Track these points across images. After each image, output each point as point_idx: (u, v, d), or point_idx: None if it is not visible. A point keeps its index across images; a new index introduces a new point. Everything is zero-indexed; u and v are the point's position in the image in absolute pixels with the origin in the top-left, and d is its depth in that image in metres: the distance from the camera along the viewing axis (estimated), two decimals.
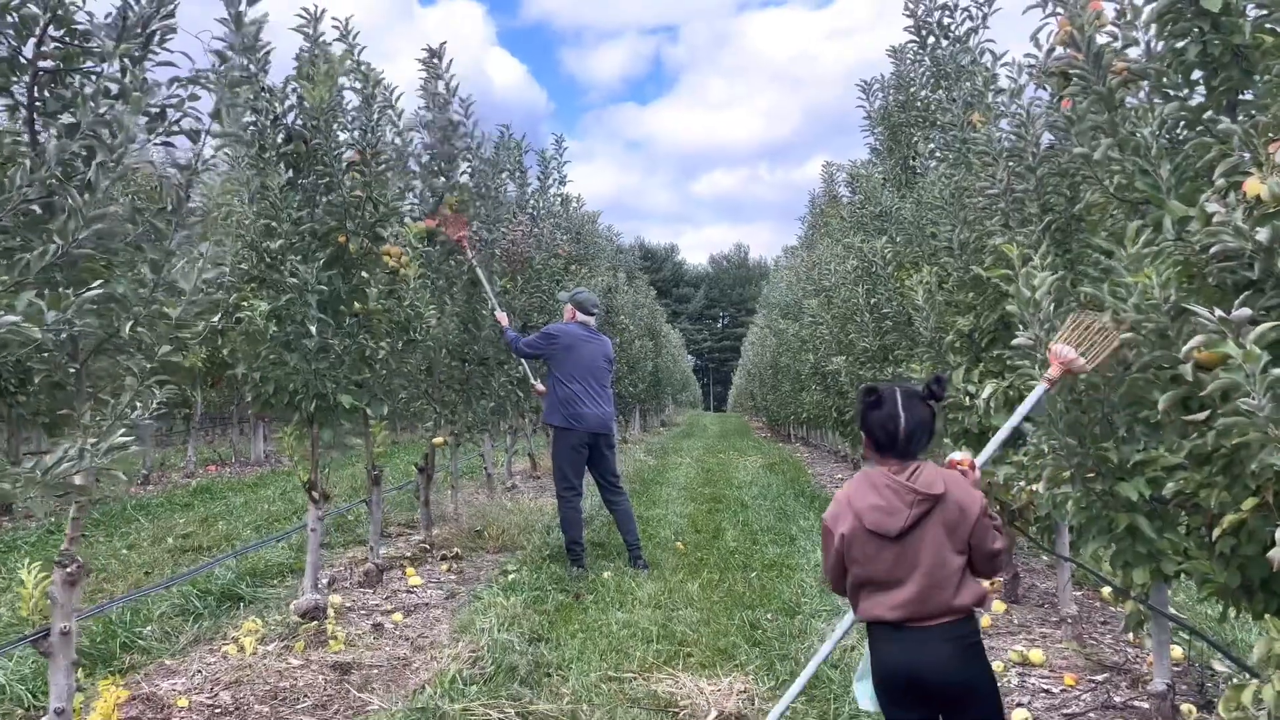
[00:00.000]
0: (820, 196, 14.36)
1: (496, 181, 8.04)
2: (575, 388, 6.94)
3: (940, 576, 2.54)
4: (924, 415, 2.63)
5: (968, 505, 2.53)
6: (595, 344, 7.19)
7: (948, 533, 2.53)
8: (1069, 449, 3.22)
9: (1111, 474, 3.13)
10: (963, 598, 2.55)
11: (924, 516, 2.54)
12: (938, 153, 6.43)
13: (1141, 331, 2.86)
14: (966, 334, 5.35)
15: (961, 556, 2.52)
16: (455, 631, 5.30)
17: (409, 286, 5.92)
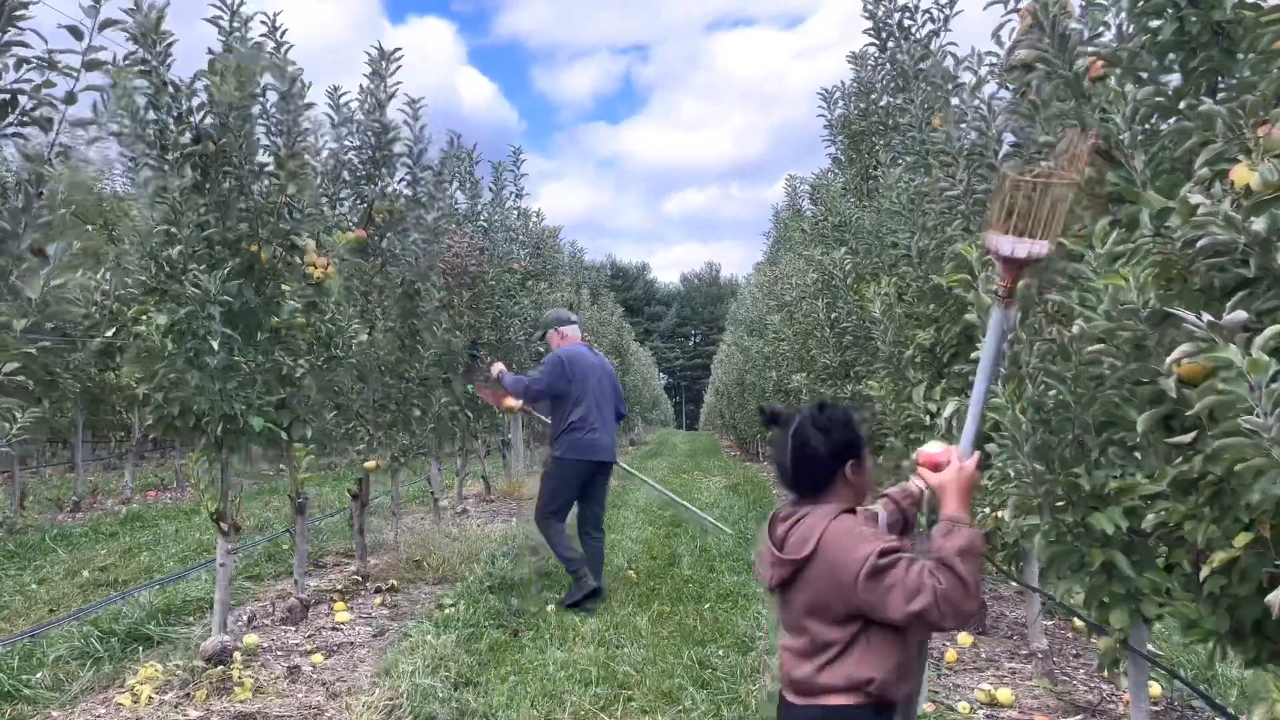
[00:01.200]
0: (784, 210, 14.07)
1: (440, 190, 7.63)
2: (584, 414, 6.36)
3: (804, 648, 2.11)
4: (817, 449, 2.19)
5: (840, 569, 2.02)
6: (598, 360, 6.73)
7: (815, 601, 2.08)
8: (1036, 475, 2.86)
9: (1084, 503, 2.77)
10: (825, 677, 2.06)
11: (793, 577, 2.13)
12: (898, 159, 6.11)
13: (1114, 342, 2.51)
14: (927, 348, 5.01)
15: (840, 628, 2.05)
16: (377, 675, 4.85)
17: (331, 299, 5.49)
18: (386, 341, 6.80)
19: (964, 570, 1.94)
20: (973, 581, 1.94)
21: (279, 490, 12.71)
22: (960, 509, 2.05)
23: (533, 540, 6.61)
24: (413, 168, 7.32)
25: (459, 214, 9.24)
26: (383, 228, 7.02)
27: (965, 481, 2.08)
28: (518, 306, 10.48)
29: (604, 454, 6.45)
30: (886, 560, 1.97)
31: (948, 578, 1.92)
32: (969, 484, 2.08)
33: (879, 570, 1.96)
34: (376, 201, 6.89)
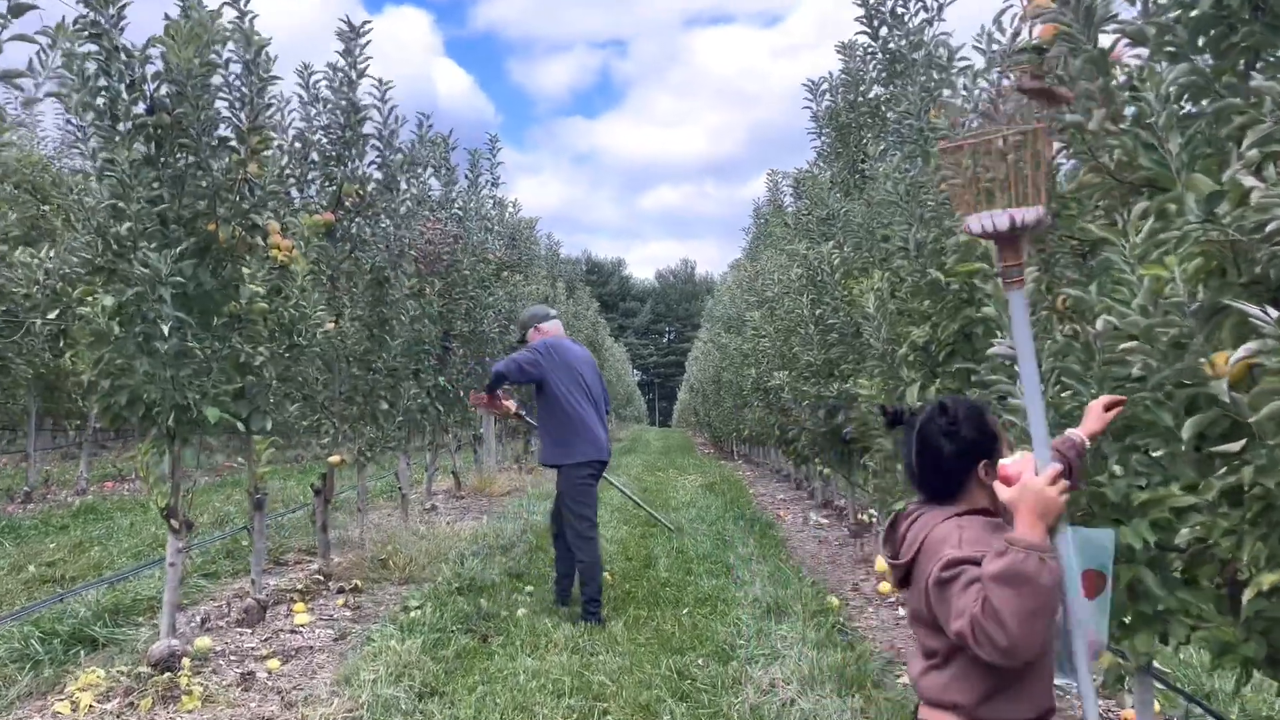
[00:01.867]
0: (764, 205, 13.85)
1: (412, 174, 7.33)
2: (576, 410, 5.89)
3: (917, 650, 2.03)
4: (941, 449, 2.04)
5: (923, 575, 1.93)
6: (583, 352, 6.31)
7: (915, 607, 1.98)
8: None
9: (1106, 515, 2.55)
10: (925, 683, 1.97)
11: (905, 580, 2.04)
12: (890, 150, 5.89)
13: (1151, 340, 2.29)
14: (921, 346, 4.79)
15: (938, 638, 1.92)
16: (337, 683, 4.57)
17: (296, 284, 5.19)
18: (354, 331, 6.51)
19: (995, 597, 1.73)
20: (1006, 612, 1.71)
21: (241, 483, 12.31)
22: (1026, 530, 1.79)
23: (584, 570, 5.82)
24: (383, 150, 7.03)
25: (432, 200, 8.93)
26: (352, 211, 6.73)
27: (1034, 499, 1.82)
28: (492, 298, 10.18)
29: (605, 452, 6.06)
30: (949, 573, 1.83)
31: (984, 604, 1.74)
32: (1040, 501, 1.81)
33: (941, 583, 1.85)
34: (345, 184, 6.60)
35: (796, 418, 8.49)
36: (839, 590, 6.73)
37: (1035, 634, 1.72)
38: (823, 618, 5.60)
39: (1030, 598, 1.71)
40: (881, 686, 4.50)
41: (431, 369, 8.09)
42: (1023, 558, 1.72)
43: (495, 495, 11.68)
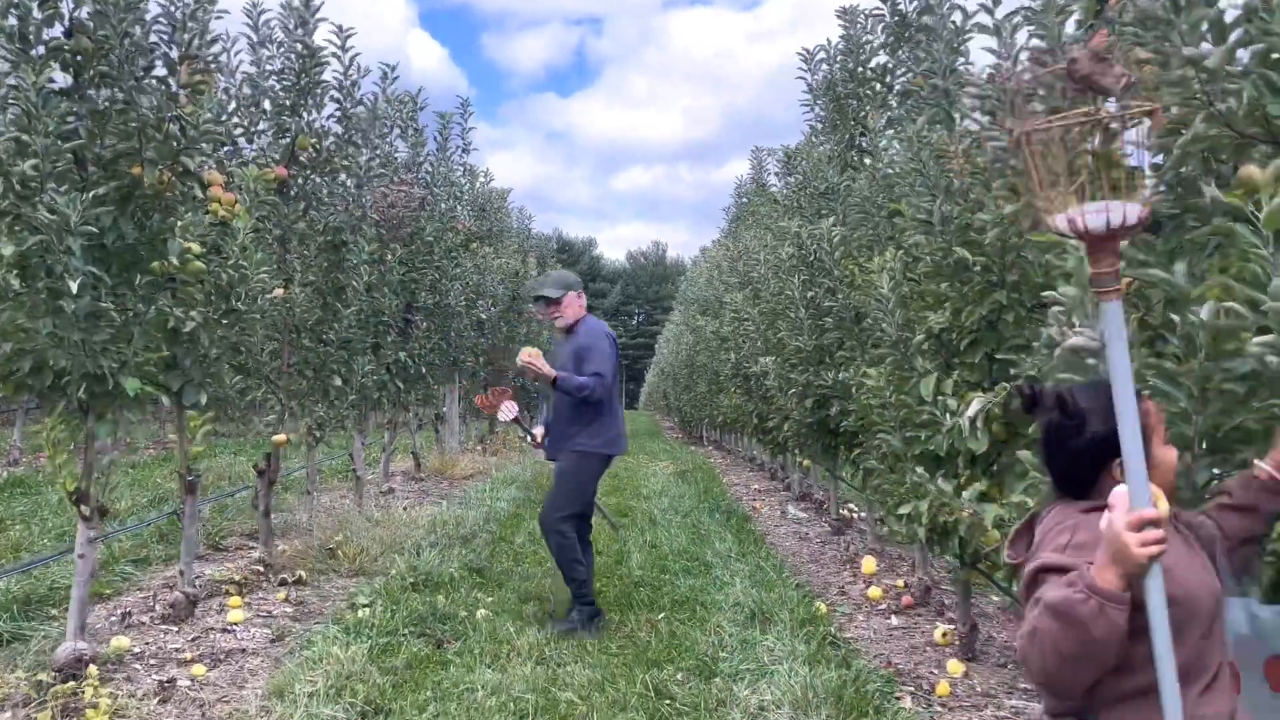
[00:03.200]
0: (747, 183, 13.32)
1: (375, 130, 6.72)
2: (615, 401, 5.28)
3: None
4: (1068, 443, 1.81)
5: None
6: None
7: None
8: None
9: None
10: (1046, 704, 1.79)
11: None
12: (899, 118, 5.39)
13: None
14: (936, 334, 4.30)
15: None
16: (268, 696, 4.02)
17: (237, 242, 4.59)
18: (305, 298, 5.90)
19: (1043, 627, 1.58)
20: (1048, 644, 1.58)
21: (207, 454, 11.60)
22: (1099, 570, 1.55)
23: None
24: (343, 102, 6.41)
25: (398, 162, 8.31)
26: (307, 167, 6.12)
27: (1111, 542, 1.55)
28: (459, 269, 9.60)
29: (624, 447, 5.51)
30: (1036, 579, 1.68)
31: (1034, 628, 1.60)
32: (1114, 546, 1.54)
33: (1027, 586, 1.70)
34: (300, 136, 5.99)
35: (780, 406, 8.00)
36: (824, 594, 6.26)
37: (1073, 678, 1.61)
38: (812, 627, 5.11)
39: (1075, 642, 1.55)
40: (883, 713, 4.02)
41: (392, 343, 7.50)
42: (1081, 598, 1.53)
43: (457, 478, 11.11)
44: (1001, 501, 3.60)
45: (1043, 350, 3.23)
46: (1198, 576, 1.67)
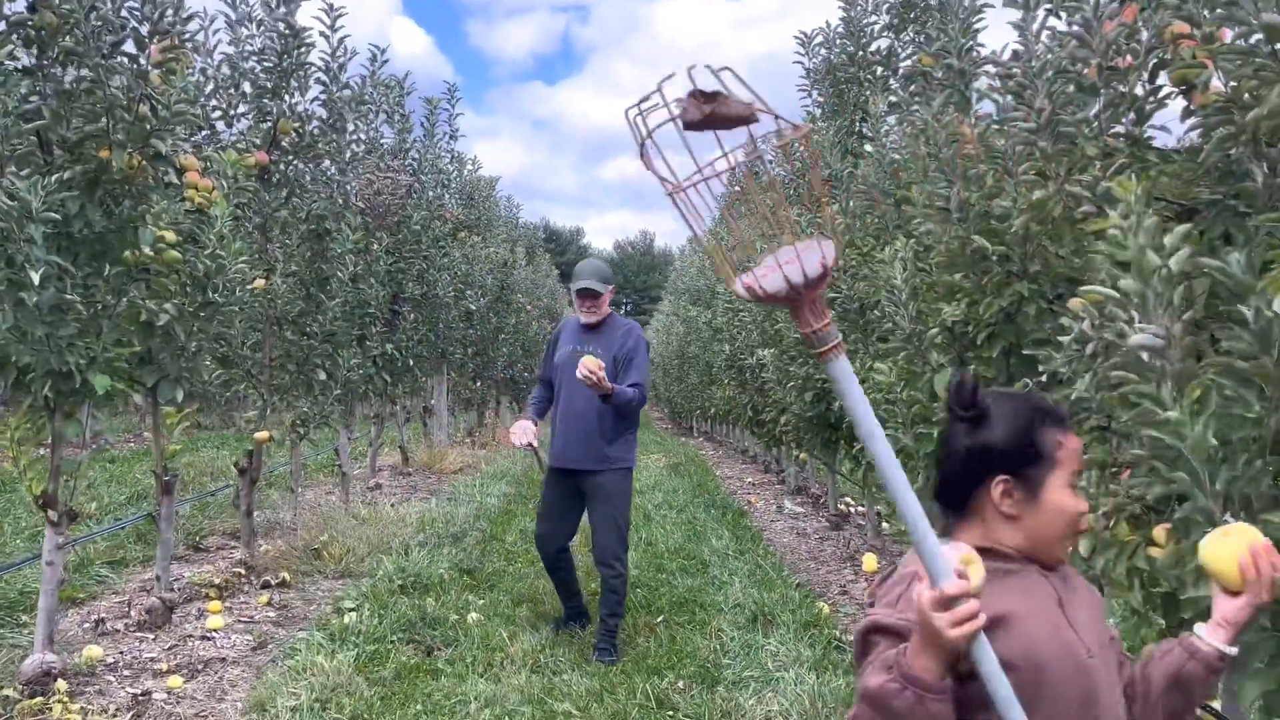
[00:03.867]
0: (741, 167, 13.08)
1: (361, 115, 6.47)
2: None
3: None
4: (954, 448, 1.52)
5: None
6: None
7: None
8: (1206, 515, 1.93)
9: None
10: None
11: None
12: (905, 102, 5.19)
13: None
14: (950, 327, 4.09)
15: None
16: (248, 710, 3.80)
17: (214, 229, 4.35)
18: (288, 289, 5.66)
19: (860, 714, 1.36)
20: None
21: (190, 449, 11.34)
22: (915, 654, 1.30)
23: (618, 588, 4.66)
24: (329, 85, 6.16)
25: (384, 148, 8.06)
26: (289, 152, 5.88)
27: (921, 619, 1.29)
28: (447, 259, 9.35)
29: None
30: (863, 642, 1.44)
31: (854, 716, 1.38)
32: (924, 624, 1.28)
33: (856, 653, 1.46)
34: (282, 120, 5.74)
35: (778, 399, 7.80)
36: (826, 593, 6.08)
37: None
38: (816, 630, 4.93)
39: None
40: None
41: (378, 335, 7.27)
42: (896, 689, 1.30)
43: (446, 472, 10.89)
44: None
45: (1072, 347, 3.04)
46: (1053, 638, 1.39)
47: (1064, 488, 1.44)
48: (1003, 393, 1.54)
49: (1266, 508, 1.90)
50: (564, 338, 4.87)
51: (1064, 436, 1.46)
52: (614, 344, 4.69)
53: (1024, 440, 1.45)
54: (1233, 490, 1.91)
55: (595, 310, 4.74)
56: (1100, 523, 2.73)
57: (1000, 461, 1.45)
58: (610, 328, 4.78)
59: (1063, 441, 1.45)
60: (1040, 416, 1.47)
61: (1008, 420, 1.46)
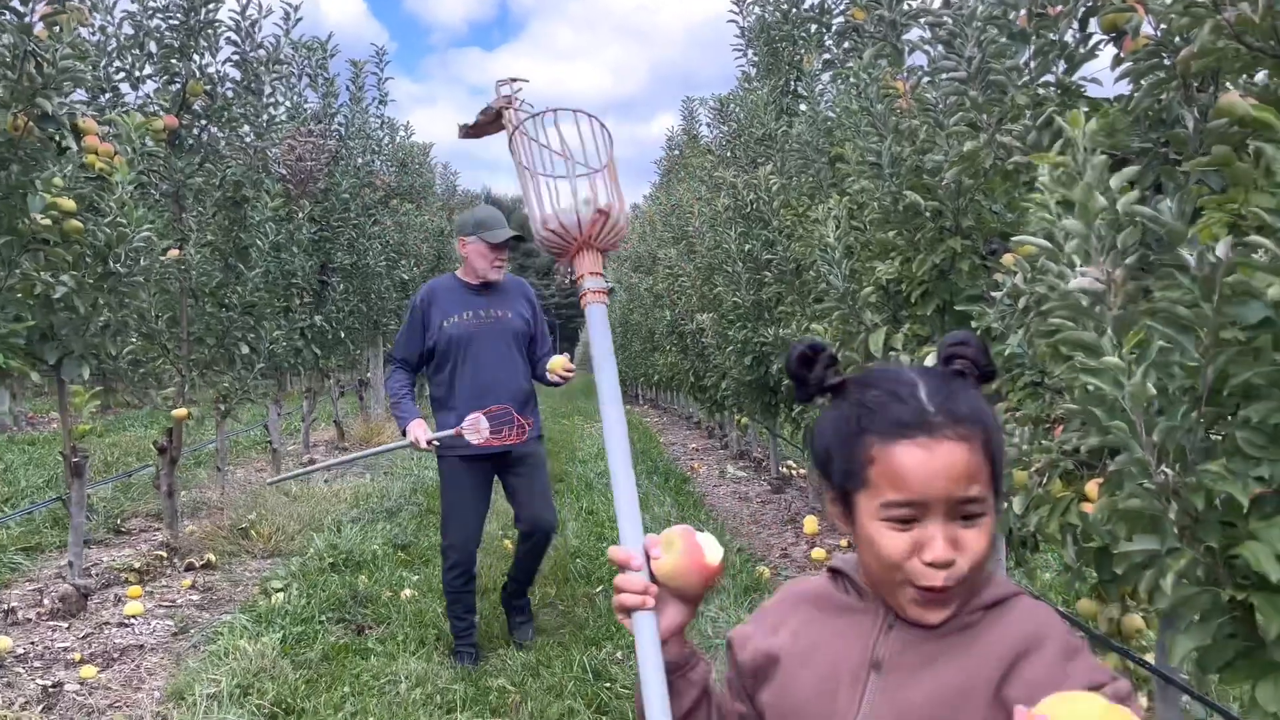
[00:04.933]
0: (679, 135, 12.95)
1: (278, 76, 6.19)
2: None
3: None
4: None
5: None
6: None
7: None
8: (1141, 467, 1.87)
9: (1216, 524, 1.82)
10: None
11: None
12: (844, 53, 5.09)
13: None
14: (885, 285, 4.03)
15: None
16: (166, 699, 3.64)
17: (115, 195, 4.11)
18: (203, 259, 5.41)
19: None
20: None
21: (116, 427, 10.98)
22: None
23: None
24: (241, 45, 5.88)
25: (307, 113, 7.76)
26: (201, 116, 5.60)
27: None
28: (378, 228, 9.09)
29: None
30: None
31: None
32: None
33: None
34: (191, 82, 5.46)
35: (718, 364, 7.73)
36: (767, 556, 6.05)
37: None
38: (756, 595, 4.89)
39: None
40: None
41: (305, 306, 7.03)
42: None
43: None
44: None
45: (1005, 302, 2.98)
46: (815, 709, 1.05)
47: (874, 520, 0.99)
48: (870, 371, 1.11)
49: (1201, 459, 1.84)
50: (444, 304, 4.03)
51: (881, 450, 0.98)
52: (520, 307, 4.14)
53: (836, 442, 1.04)
54: (1169, 442, 1.85)
55: (502, 264, 4.09)
56: (1034, 480, 2.70)
57: (823, 464, 1.08)
58: (503, 288, 4.14)
59: (876, 457, 0.99)
60: (865, 415, 1.02)
61: (832, 411, 1.07)
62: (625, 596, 1.10)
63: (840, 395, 1.06)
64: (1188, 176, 2.33)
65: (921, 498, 0.96)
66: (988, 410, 1.03)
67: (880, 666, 1.03)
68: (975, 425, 0.98)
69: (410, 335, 4.09)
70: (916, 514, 0.96)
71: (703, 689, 1.13)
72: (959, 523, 0.97)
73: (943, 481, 0.95)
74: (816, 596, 1.13)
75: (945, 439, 0.96)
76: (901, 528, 0.97)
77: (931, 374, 1.04)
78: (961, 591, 0.99)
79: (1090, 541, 2.49)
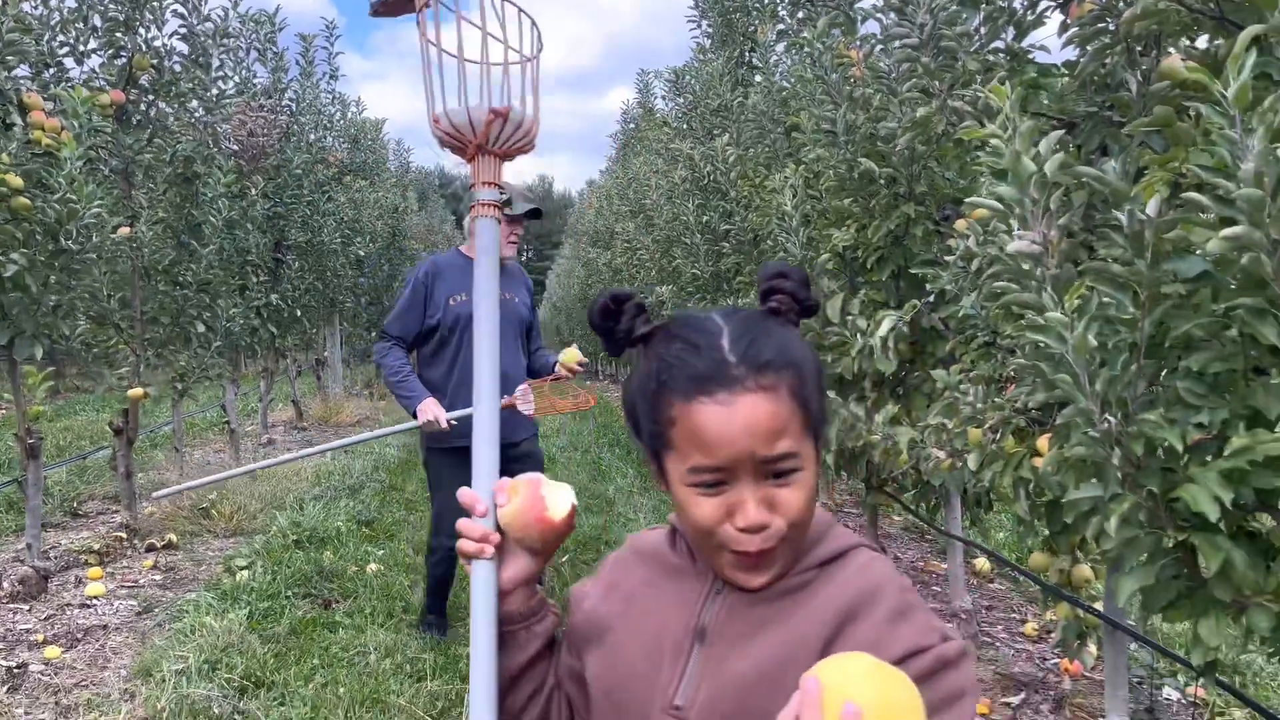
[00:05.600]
0: (634, 108, 12.92)
1: (227, 50, 6.09)
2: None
3: None
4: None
5: None
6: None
7: None
8: (1086, 417, 1.95)
9: (1157, 469, 1.90)
10: None
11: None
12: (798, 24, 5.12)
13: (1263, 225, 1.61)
14: (841, 252, 4.10)
15: None
16: (133, 676, 3.64)
17: (64, 173, 4.05)
18: (155, 236, 5.34)
19: None
20: None
21: (66, 412, 10.77)
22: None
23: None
24: (187, 18, 5.77)
25: (257, 88, 7.64)
26: (150, 91, 5.50)
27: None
28: (332, 204, 8.99)
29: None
30: None
31: None
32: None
33: None
34: (138, 56, 5.35)
35: None
36: None
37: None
38: None
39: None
40: None
41: (260, 284, 6.96)
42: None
43: (343, 425, 10.62)
44: (916, 424, 3.45)
45: (957, 264, 3.06)
46: (633, 671, 1.00)
47: (683, 485, 0.91)
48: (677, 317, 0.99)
49: (1142, 408, 1.92)
50: (451, 280, 3.72)
51: (682, 409, 0.90)
52: (522, 294, 3.89)
53: (641, 401, 0.96)
54: (1111, 393, 1.93)
55: (516, 239, 3.77)
56: (987, 437, 2.78)
57: (634, 424, 1.00)
58: (510, 272, 3.86)
59: (676, 417, 0.90)
60: (664, 370, 0.92)
61: (640, 366, 0.98)
62: (464, 543, 1.04)
63: (648, 345, 0.97)
64: (1132, 138, 2.40)
65: (726, 461, 0.88)
66: (800, 350, 0.94)
67: (704, 636, 0.96)
68: (783, 372, 0.89)
69: (410, 311, 3.70)
70: (724, 477, 0.89)
71: (546, 641, 1.08)
72: (771, 482, 0.89)
73: (746, 440, 0.87)
74: (654, 555, 1.07)
75: (746, 392, 0.88)
76: (711, 492, 0.90)
77: (740, 317, 0.95)
78: (785, 552, 0.92)
79: (1042, 495, 2.58)
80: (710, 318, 0.95)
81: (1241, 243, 1.63)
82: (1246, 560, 1.76)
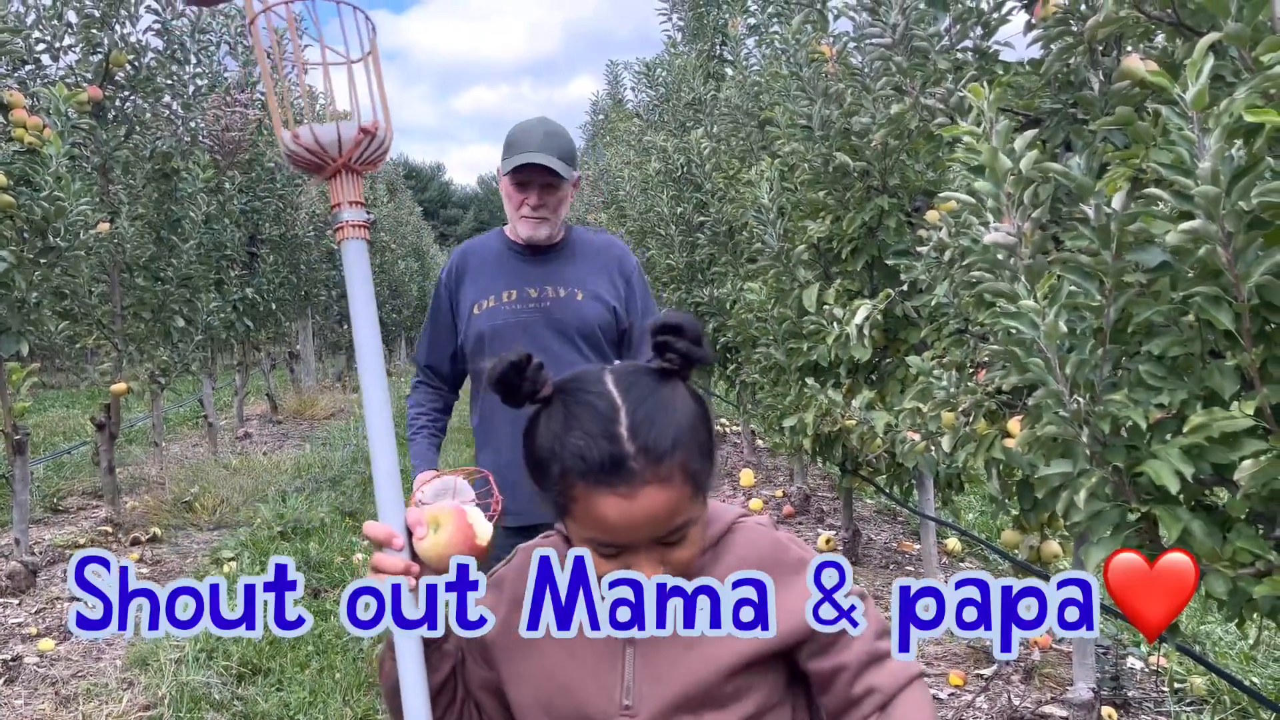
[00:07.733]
0: (604, 99, 12.98)
1: (202, 46, 6.11)
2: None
3: None
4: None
5: None
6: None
7: None
8: (1056, 398, 2.09)
9: (1122, 447, 2.04)
10: None
11: None
12: (768, 18, 5.24)
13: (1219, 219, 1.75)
14: (816, 243, 4.23)
15: None
16: (130, 666, 3.70)
17: (50, 171, 4.07)
18: (136, 232, 5.36)
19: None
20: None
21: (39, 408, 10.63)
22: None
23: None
24: (162, 13, 5.78)
25: (228, 82, 7.63)
26: (125, 87, 5.51)
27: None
28: (305, 198, 9.00)
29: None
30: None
31: None
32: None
33: None
34: (114, 52, 5.36)
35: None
36: None
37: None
38: None
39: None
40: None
41: (236, 278, 6.98)
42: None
43: (318, 418, 10.63)
44: (892, 409, 3.59)
45: (931, 255, 3.19)
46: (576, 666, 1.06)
47: (583, 541, 1.00)
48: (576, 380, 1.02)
49: (1107, 390, 2.06)
50: (479, 278, 2.43)
51: (584, 493, 0.95)
52: (601, 284, 2.41)
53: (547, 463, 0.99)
54: (1079, 375, 2.06)
55: (550, 213, 2.34)
56: (960, 420, 2.92)
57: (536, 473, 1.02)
58: (578, 250, 2.44)
59: (578, 498, 0.96)
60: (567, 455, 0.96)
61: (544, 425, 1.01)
62: (378, 578, 1.04)
63: (549, 406, 1.01)
64: (1095, 135, 2.54)
65: (626, 542, 0.97)
66: (687, 417, 0.99)
67: (628, 646, 1.04)
68: (676, 455, 0.95)
69: (435, 331, 2.48)
70: (622, 549, 0.98)
71: (457, 658, 1.13)
72: (663, 546, 0.98)
73: (646, 528, 0.96)
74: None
75: (645, 484, 0.93)
76: (610, 554, 0.98)
77: (634, 391, 0.98)
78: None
79: (1012, 475, 2.73)
80: (605, 390, 0.98)
81: (1198, 235, 1.76)
82: (1204, 530, 1.90)
